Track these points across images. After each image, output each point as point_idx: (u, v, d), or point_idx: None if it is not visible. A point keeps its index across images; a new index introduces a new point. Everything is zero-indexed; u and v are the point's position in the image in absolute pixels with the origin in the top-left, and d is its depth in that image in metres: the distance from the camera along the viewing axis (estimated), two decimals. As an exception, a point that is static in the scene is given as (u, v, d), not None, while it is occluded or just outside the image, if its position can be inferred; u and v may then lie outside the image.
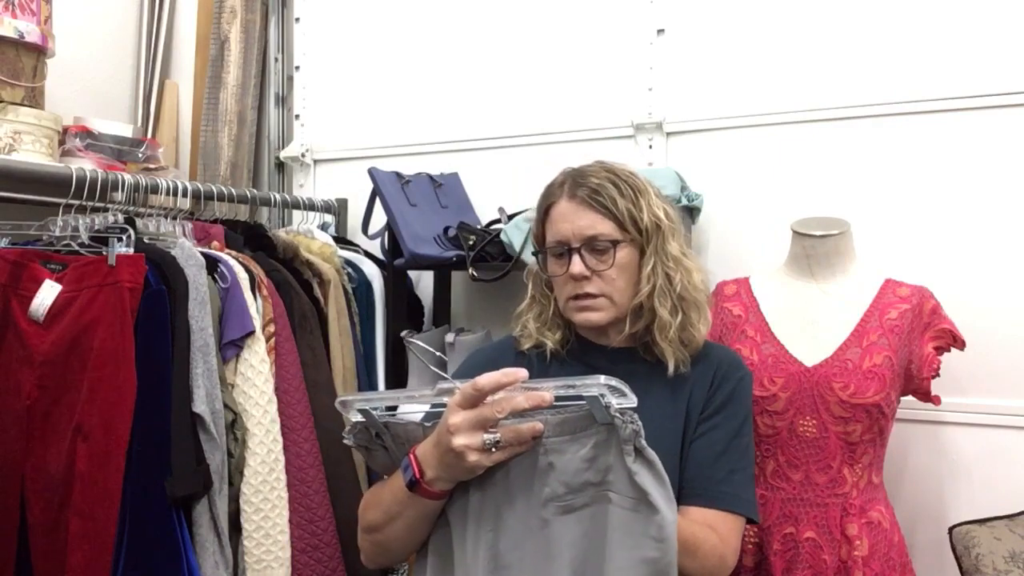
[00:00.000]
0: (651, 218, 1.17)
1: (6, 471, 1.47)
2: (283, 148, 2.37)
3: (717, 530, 1.11)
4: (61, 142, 1.78)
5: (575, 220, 1.17)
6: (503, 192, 2.01)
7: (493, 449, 0.97)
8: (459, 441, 0.96)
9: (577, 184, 1.18)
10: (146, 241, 1.56)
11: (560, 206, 1.19)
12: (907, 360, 1.43)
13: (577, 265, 1.16)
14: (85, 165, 1.67)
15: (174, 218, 1.71)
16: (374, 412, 1.06)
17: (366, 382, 1.85)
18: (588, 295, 1.17)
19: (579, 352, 1.25)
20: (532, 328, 1.26)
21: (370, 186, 1.87)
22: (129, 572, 1.38)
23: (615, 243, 1.16)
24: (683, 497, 1.13)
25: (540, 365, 1.24)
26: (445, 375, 1.75)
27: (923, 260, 1.63)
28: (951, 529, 1.48)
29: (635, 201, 1.17)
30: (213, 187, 1.82)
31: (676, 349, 1.18)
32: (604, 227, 1.16)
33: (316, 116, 2.35)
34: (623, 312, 1.19)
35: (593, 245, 1.16)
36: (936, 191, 1.65)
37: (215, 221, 1.81)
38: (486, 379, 0.96)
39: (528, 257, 1.66)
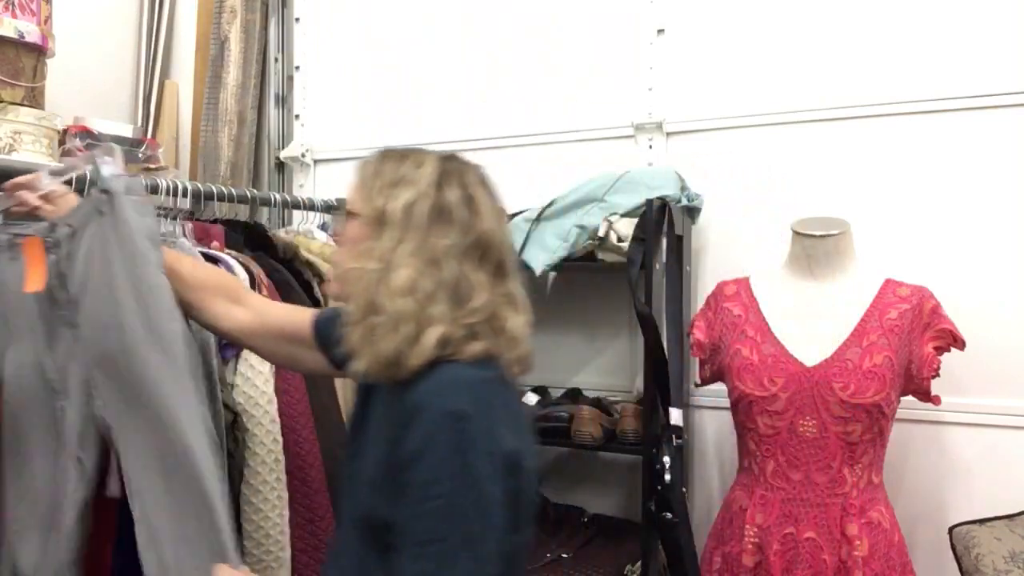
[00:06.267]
0: None
1: (6, 471, 1.47)
2: (283, 148, 2.37)
3: None
4: (61, 142, 1.78)
5: None
6: (503, 192, 2.00)
7: None
8: None
9: None
10: (146, 241, 1.56)
11: None
12: (907, 360, 1.43)
13: None
14: (85, 165, 1.66)
15: (174, 218, 1.70)
16: None
17: (366, 382, 1.85)
18: None
19: None
20: None
21: (370, 186, 1.86)
22: (128, 572, 1.38)
23: None
24: None
25: None
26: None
27: (923, 260, 1.63)
28: (951, 529, 1.48)
29: None
30: (213, 187, 1.81)
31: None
32: None
33: (316, 116, 2.35)
34: None
35: None
36: (936, 191, 1.65)
37: (215, 221, 1.80)
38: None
39: (528, 257, 1.66)
